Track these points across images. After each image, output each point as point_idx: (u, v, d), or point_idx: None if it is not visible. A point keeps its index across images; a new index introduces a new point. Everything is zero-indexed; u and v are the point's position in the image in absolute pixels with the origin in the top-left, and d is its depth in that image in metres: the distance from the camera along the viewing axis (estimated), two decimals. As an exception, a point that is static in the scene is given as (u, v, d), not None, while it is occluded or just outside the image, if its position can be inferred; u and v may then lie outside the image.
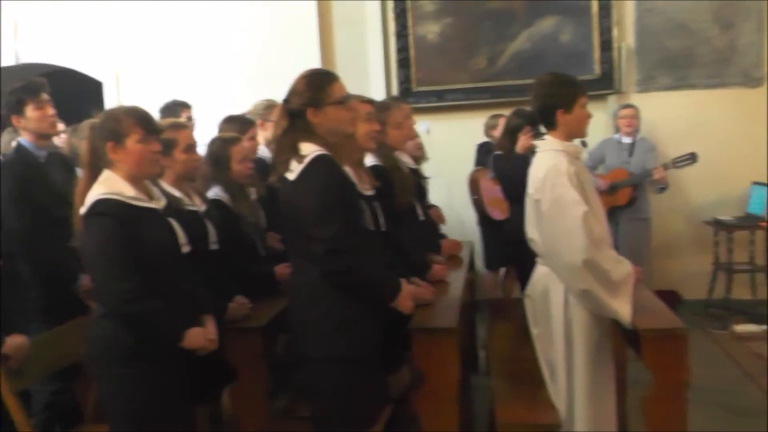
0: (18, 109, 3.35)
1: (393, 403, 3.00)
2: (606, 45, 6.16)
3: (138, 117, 2.49)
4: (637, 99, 6.13)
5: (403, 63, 6.38)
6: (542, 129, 3.02)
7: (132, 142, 2.45)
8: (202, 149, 3.27)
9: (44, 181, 3.37)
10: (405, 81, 6.40)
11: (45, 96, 3.40)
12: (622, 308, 2.71)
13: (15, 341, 2.75)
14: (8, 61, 7.05)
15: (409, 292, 2.76)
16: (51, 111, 3.42)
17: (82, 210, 2.43)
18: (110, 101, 6.75)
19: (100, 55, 6.84)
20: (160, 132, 2.59)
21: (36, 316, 3.24)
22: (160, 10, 6.64)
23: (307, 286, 2.60)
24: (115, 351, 2.43)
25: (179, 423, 2.54)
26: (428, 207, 4.38)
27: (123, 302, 2.37)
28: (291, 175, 2.56)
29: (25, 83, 3.40)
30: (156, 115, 4.59)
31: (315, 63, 6.07)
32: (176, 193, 2.96)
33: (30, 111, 3.35)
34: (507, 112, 4.99)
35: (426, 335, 2.92)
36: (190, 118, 4.64)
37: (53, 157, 3.50)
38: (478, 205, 5.44)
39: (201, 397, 2.78)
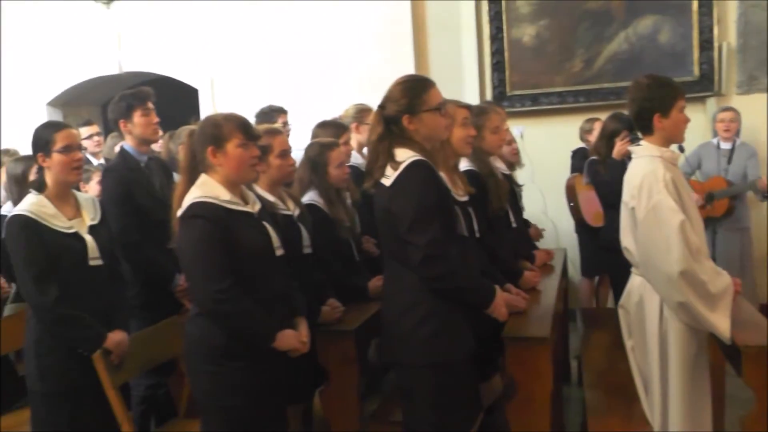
0: (127, 114, 3.48)
1: (484, 411, 2.96)
2: (706, 45, 5.86)
3: (238, 123, 2.55)
4: (737, 101, 5.79)
5: (498, 66, 6.28)
6: (639, 134, 2.93)
7: (232, 147, 2.50)
8: (296, 154, 3.30)
9: (145, 185, 3.49)
10: (499, 85, 6.29)
11: (151, 105, 3.54)
12: (721, 322, 2.58)
13: (116, 337, 2.84)
14: (112, 71, 7.38)
15: (503, 299, 2.73)
16: (155, 119, 3.56)
17: (179, 212, 2.50)
18: (205, 107, 6.94)
19: (195, 63, 7.03)
20: (258, 138, 2.64)
21: (135, 313, 3.33)
22: (254, 18, 6.75)
23: (403, 292, 2.60)
24: (208, 349, 2.49)
25: (271, 421, 2.58)
26: (522, 215, 4.29)
27: (216, 302, 2.42)
28: (387, 181, 2.56)
29: (135, 91, 3.54)
30: (251, 120, 4.70)
31: (409, 67, 6.08)
32: (270, 197, 3.00)
33: (137, 117, 3.48)
34: (603, 115, 4.87)
35: (519, 344, 2.86)
36: (285, 124, 4.71)
37: (153, 162, 3.62)
38: (575, 211, 5.32)
39: (293, 397, 2.82)
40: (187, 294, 3.34)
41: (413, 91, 2.59)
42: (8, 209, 3.77)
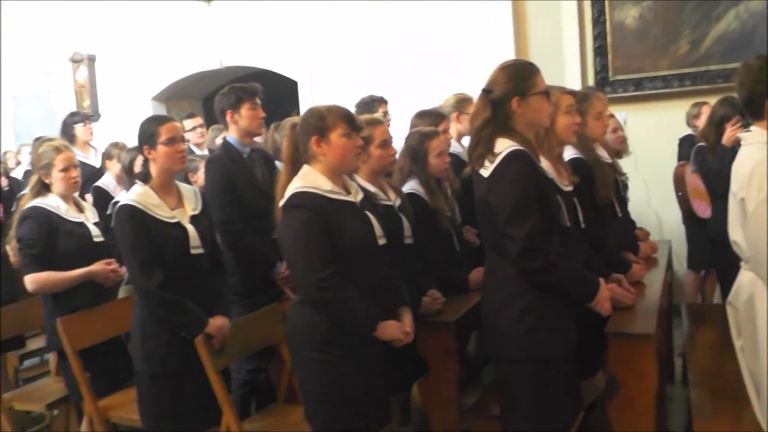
0: (235, 105, 3.57)
1: (585, 410, 2.89)
2: (826, 22, 5.51)
3: (341, 113, 2.57)
4: None
5: (600, 50, 6.08)
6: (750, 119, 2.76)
7: (336, 137, 2.52)
8: (397, 144, 3.29)
9: (247, 175, 3.55)
10: (601, 70, 6.09)
11: (258, 100, 3.61)
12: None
13: (217, 322, 2.93)
14: (213, 66, 7.58)
15: (607, 293, 2.63)
16: (262, 114, 3.63)
17: (281, 202, 2.53)
18: (305, 100, 7.03)
19: (294, 57, 7.13)
20: (361, 128, 2.65)
21: (236, 300, 3.42)
22: (352, 9, 6.78)
23: (503, 285, 2.55)
24: (310, 336, 2.52)
25: (373, 410, 2.59)
26: (627, 205, 4.16)
27: (318, 290, 2.44)
28: (485, 172, 2.51)
29: (245, 84, 3.63)
30: (352, 110, 4.73)
31: (509, 53, 5.97)
32: (371, 188, 3.01)
33: (245, 109, 3.56)
34: (710, 100, 4.65)
35: (623, 340, 2.74)
36: (386, 113, 4.71)
37: (255, 153, 3.69)
38: (683, 201, 5.12)
39: (393, 388, 2.81)
40: (287, 282, 3.41)
41: (521, 75, 2.54)
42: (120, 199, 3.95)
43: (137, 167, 3.65)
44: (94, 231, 3.52)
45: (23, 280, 3.44)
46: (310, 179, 2.53)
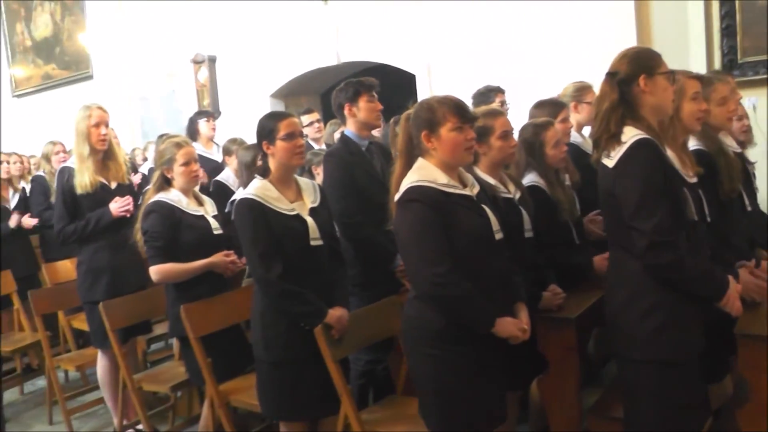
0: (353, 98, 3.60)
1: (713, 415, 2.75)
2: None
3: (452, 105, 2.52)
4: None
5: (728, 31, 5.67)
6: None
7: (446, 131, 2.48)
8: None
9: (366, 168, 3.59)
10: (729, 51, 5.69)
11: (375, 93, 3.64)
12: None
13: (336, 313, 2.97)
14: (330, 62, 7.68)
15: (737, 292, 2.47)
16: (379, 106, 3.66)
17: (397, 196, 2.52)
18: (423, 93, 7.01)
19: (412, 50, 7.10)
20: (474, 120, 2.59)
21: (355, 291, 3.46)
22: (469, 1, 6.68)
23: (628, 281, 2.46)
24: (426, 331, 2.50)
25: (490, 406, 2.56)
26: (757, 198, 3.91)
27: (435, 286, 2.41)
28: (610, 162, 2.42)
29: (362, 78, 3.66)
30: (469, 101, 4.67)
31: (631, 37, 5.69)
32: (491, 180, 2.96)
33: (363, 102, 3.60)
34: None
35: (753, 343, 2.55)
36: (503, 103, 4.64)
37: (374, 146, 3.72)
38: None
39: (510, 384, 2.77)
40: (406, 275, 3.42)
41: (645, 55, 2.48)
42: (240, 193, 4.06)
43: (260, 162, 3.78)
44: (214, 224, 3.65)
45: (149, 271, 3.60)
46: (426, 172, 2.50)
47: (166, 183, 3.64)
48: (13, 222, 5.70)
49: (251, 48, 8.32)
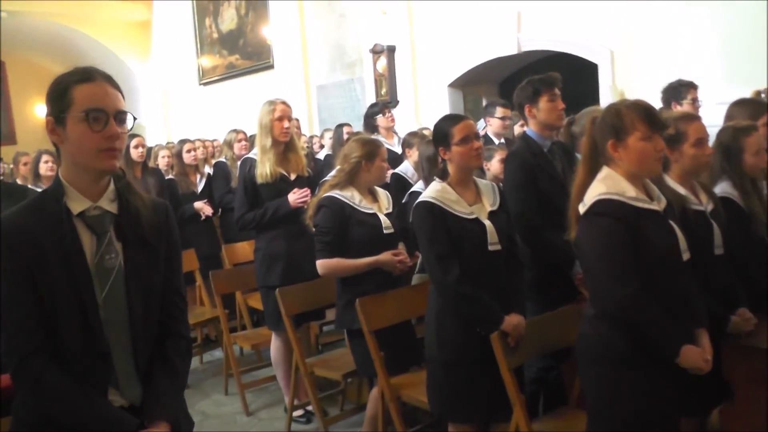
0: (533, 99, 3.51)
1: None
2: None
3: (641, 112, 2.37)
4: None
5: None
6: None
7: (634, 140, 2.35)
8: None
9: (548, 170, 3.48)
10: None
11: (557, 91, 3.52)
12: None
13: (513, 320, 2.91)
14: (510, 51, 7.55)
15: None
16: (561, 105, 3.53)
17: (581, 208, 2.41)
18: (605, 83, 6.76)
19: (595, 37, 6.87)
20: (665, 128, 2.44)
21: (531, 296, 3.37)
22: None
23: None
24: (604, 352, 2.40)
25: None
26: None
27: (622, 308, 2.30)
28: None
29: (542, 76, 3.54)
30: (656, 96, 4.42)
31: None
32: (681, 190, 2.79)
33: (543, 102, 3.49)
34: None
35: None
36: (695, 100, 4.38)
37: (556, 146, 3.60)
38: None
39: (688, 410, 2.62)
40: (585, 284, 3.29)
41: None
42: (420, 186, 4.07)
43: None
44: (385, 222, 3.64)
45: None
46: (613, 183, 2.37)
47: (348, 180, 3.65)
48: (195, 207, 6.06)
49: (430, 37, 8.38)
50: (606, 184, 2.38)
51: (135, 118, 1.93)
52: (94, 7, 13.63)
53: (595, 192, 2.38)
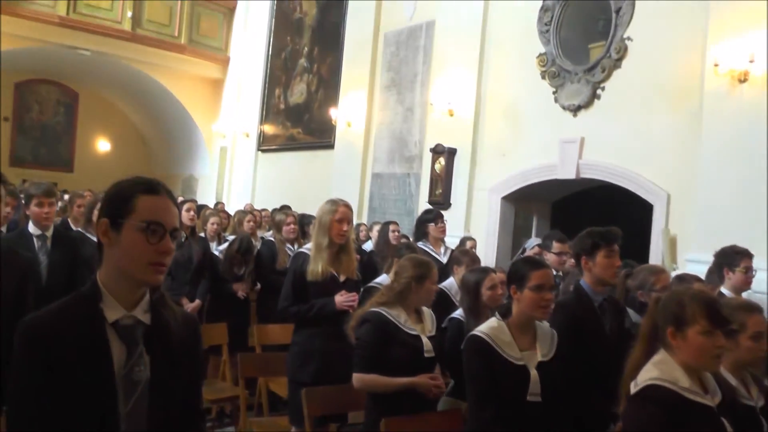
0: (591, 251, 3.51)
1: None
2: None
3: (704, 306, 2.36)
4: None
5: None
6: None
7: (694, 333, 2.33)
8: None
9: (595, 326, 3.45)
10: None
11: (616, 247, 3.52)
12: None
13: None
14: (569, 176, 7.56)
15: None
16: (618, 262, 3.53)
17: (633, 387, 2.38)
18: (657, 225, 6.65)
19: (654, 178, 6.82)
20: (727, 325, 2.42)
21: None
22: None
23: None
24: None
25: None
26: None
27: None
28: None
29: (603, 230, 3.55)
30: (706, 248, 4.30)
31: None
32: (732, 380, 2.72)
33: (600, 257, 3.49)
34: None
35: None
36: (748, 269, 4.29)
37: (607, 303, 3.57)
38: None
39: None
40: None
41: None
42: (459, 314, 4.06)
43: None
44: (427, 345, 3.59)
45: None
46: (668, 370, 2.34)
47: (397, 299, 3.62)
48: (234, 288, 6.19)
49: (492, 147, 8.49)
50: (660, 369, 2.35)
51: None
52: (174, 59, 14.21)
53: (648, 375, 2.35)
